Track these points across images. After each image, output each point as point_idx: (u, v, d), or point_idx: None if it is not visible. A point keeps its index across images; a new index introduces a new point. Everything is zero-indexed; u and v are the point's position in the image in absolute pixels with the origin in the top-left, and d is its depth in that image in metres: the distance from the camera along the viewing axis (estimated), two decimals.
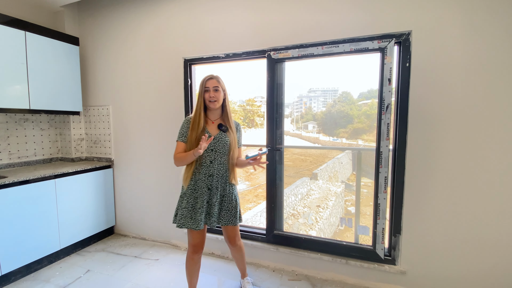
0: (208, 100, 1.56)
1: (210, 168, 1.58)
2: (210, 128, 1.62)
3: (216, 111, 1.63)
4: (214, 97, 1.55)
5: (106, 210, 2.72)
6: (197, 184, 1.58)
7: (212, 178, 1.58)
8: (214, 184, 1.59)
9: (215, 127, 1.62)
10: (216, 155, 1.59)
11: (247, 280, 1.91)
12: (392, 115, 1.83)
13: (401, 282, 1.87)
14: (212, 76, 1.59)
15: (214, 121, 1.63)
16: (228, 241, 1.78)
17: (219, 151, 1.59)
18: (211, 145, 1.57)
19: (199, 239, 1.62)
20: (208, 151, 1.57)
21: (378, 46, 1.76)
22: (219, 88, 1.56)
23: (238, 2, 2.15)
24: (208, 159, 1.58)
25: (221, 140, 1.59)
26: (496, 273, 1.67)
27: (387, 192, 1.87)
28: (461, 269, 1.74)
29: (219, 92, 1.56)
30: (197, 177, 1.58)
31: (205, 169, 1.58)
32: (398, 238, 1.87)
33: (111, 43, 2.66)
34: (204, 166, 1.57)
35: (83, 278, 2.06)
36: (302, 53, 1.96)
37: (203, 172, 1.57)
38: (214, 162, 1.58)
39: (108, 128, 2.76)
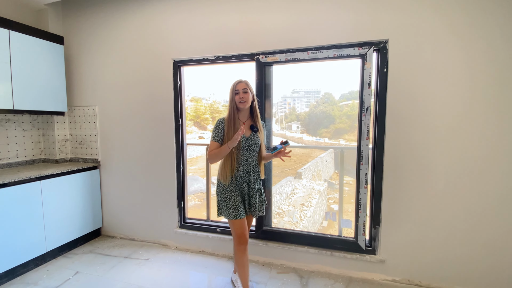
0: (239, 101, 1.69)
1: (247, 166, 1.74)
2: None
3: (245, 112, 1.76)
4: (243, 98, 1.68)
5: (93, 212, 2.69)
6: (238, 180, 1.74)
7: (249, 174, 1.75)
8: (251, 179, 1.76)
9: (247, 128, 1.76)
10: (250, 154, 1.75)
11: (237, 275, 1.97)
12: (372, 116, 1.99)
13: (381, 270, 2.03)
14: (241, 80, 1.73)
15: (245, 122, 1.77)
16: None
17: (252, 150, 1.74)
18: (246, 145, 1.72)
19: (243, 228, 1.72)
20: (244, 151, 1.72)
21: (359, 53, 1.91)
22: (247, 90, 1.70)
23: (228, 7, 2.22)
24: (244, 157, 1.73)
25: (253, 140, 1.74)
26: (465, 259, 1.87)
27: (368, 187, 2.02)
28: (434, 257, 1.92)
29: (248, 94, 1.70)
30: (237, 174, 1.73)
31: (243, 166, 1.73)
32: (378, 229, 2.03)
33: (97, 42, 2.64)
34: (241, 164, 1.73)
35: (72, 279, 2.05)
36: (289, 58, 2.07)
37: (241, 170, 1.73)
38: (249, 160, 1.75)
39: (95, 129, 2.73)
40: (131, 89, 2.58)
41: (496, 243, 1.80)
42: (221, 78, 10.19)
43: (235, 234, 1.72)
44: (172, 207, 2.56)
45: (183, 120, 2.53)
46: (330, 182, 15.10)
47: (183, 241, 2.56)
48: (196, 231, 2.51)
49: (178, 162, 2.53)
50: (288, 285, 1.99)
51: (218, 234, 2.44)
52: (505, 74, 1.70)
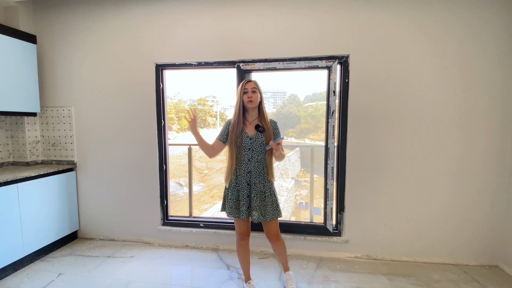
0: (247, 100, 1.70)
1: (248, 166, 1.72)
2: (248, 129, 1.75)
3: (253, 112, 1.76)
4: (252, 97, 1.69)
5: (70, 214, 2.64)
6: (238, 179, 1.74)
7: (250, 175, 1.72)
8: (252, 180, 1.73)
9: (252, 128, 1.74)
10: (253, 154, 1.72)
11: (289, 274, 1.99)
12: (336, 119, 2.35)
13: (345, 249, 2.40)
14: (250, 79, 1.76)
15: (252, 122, 1.76)
16: (269, 238, 1.84)
17: (256, 150, 1.72)
18: (249, 145, 1.71)
19: (245, 227, 1.80)
20: (246, 150, 1.72)
21: (326, 65, 2.25)
22: (256, 90, 1.71)
23: (210, 16, 2.40)
24: (246, 157, 1.72)
25: (257, 140, 1.71)
26: (410, 235, 2.32)
27: (334, 179, 2.38)
28: (387, 235, 2.34)
29: (256, 94, 1.71)
30: (237, 173, 1.74)
31: (244, 166, 1.72)
32: (342, 215, 2.40)
33: (74, 43, 2.60)
34: (243, 163, 1.72)
35: (57, 281, 2.05)
36: (267, 67, 2.34)
37: (242, 169, 1.72)
38: (251, 160, 1.72)
39: (70, 130, 2.69)
40: (111, 90, 2.61)
41: (434, 222, 2.28)
42: (186, 78, 10.07)
43: (236, 231, 1.83)
44: (155, 205, 2.65)
45: (165, 121, 2.64)
46: (297, 180, 15.85)
47: (167, 238, 2.66)
48: (180, 227, 2.64)
49: (161, 161, 2.63)
50: (269, 268, 2.25)
51: (202, 229, 2.60)
52: (443, 81, 2.18)
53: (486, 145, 2.17)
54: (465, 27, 2.11)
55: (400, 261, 2.34)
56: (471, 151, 2.20)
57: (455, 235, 2.27)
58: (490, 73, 2.12)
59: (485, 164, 2.19)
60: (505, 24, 2.07)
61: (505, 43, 2.09)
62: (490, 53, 2.11)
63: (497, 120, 2.15)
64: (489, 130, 2.16)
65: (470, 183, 2.22)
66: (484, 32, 2.10)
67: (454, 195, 2.24)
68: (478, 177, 2.21)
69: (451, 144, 2.21)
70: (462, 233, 2.26)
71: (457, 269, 2.21)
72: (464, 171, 2.21)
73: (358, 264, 2.30)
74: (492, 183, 2.20)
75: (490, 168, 2.19)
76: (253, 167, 1.72)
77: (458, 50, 2.13)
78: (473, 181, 2.21)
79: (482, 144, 2.18)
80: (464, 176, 2.22)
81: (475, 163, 2.20)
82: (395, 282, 2.03)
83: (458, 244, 2.27)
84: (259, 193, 1.73)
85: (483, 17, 2.09)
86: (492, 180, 2.20)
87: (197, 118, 1.72)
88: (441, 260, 2.30)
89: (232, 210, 1.75)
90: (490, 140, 2.17)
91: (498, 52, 2.10)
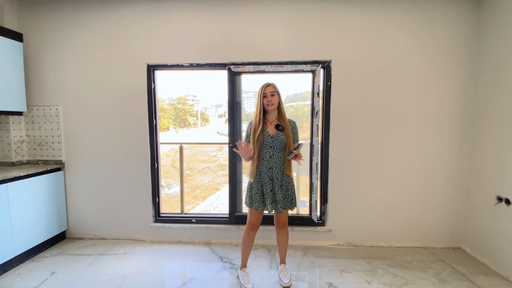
0: (266, 104, 1.84)
1: (270, 162, 1.86)
2: (269, 129, 1.89)
3: (273, 113, 1.90)
4: (271, 101, 1.83)
5: (58, 214, 2.62)
6: (261, 175, 1.88)
7: (272, 170, 1.87)
8: (274, 175, 1.87)
9: (273, 127, 1.89)
10: (274, 151, 1.86)
11: (285, 267, 2.09)
12: (320, 118, 2.55)
13: (329, 237, 2.62)
14: (269, 83, 1.86)
15: (272, 122, 1.90)
16: (277, 225, 1.99)
17: (276, 147, 1.86)
18: (270, 143, 1.85)
19: (257, 219, 1.92)
20: (268, 148, 1.86)
21: (310, 69, 2.44)
22: (275, 93, 1.84)
23: (202, 19, 2.51)
24: (268, 154, 1.86)
25: (278, 139, 1.85)
26: (386, 224, 2.58)
27: (318, 174, 2.58)
28: (365, 224, 2.59)
29: (275, 97, 1.84)
30: (261, 169, 1.88)
31: (266, 163, 1.87)
32: (326, 206, 2.62)
33: (62, 41, 2.59)
34: (265, 160, 1.87)
35: (50, 279, 2.06)
36: (256, 69, 2.49)
37: (264, 165, 1.87)
38: (272, 157, 1.86)
39: (58, 129, 2.66)
40: (102, 90, 2.63)
41: (405, 211, 2.56)
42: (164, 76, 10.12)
43: (248, 221, 1.94)
44: (147, 203, 2.71)
45: (157, 120, 2.70)
46: None
47: (159, 234, 2.73)
48: (172, 224, 2.71)
49: (153, 160, 2.70)
50: (260, 257, 2.40)
51: (194, 224, 2.70)
52: (414, 85, 2.45)
53: (450, 142, 2.49)
54: (432, 38, 2.41)
55: (377, 246, 2.60)
56: (437, 147, 2.50)
57: (424, 222, 2.57)
58: (451, 78, 2.43)
59: (449, 159, 2.50)
60: (464, 39, 2.40)
61: (465, 55, 2.41)
62: (451, 63, 2.42)
63: (459, 120, 2.47)
64: (452, 129, 2.48)
65: (436, 176, 2.52)
66: (447, 44, 2.40)
67: (423, 187, 2.54)
68: (443, 171, 2.52)
69: (420, 141, 2.50)
70: (430, 220, 2.56)
71: (426, 251, 2.51)
72: (431, 165, 2.51)
73: (340, 250, 2.53)
74: (454, 176, 2.52)
75: (453, 162, 2.51)
76: (274, 163, 1.87)
77: (424, 59, 2.42)
78: (439, 174, 2.52)
79: (447, 141, 2.49)
80: (432, 169, 2.52)
81: (441, 158, 2.51)
82: (372, 265, 2.27)
83: (427, 229, 2.57)
84: (281, 186, 1.88)
85: (447, 28, 2.40)
86: (454, 173, 2.51)
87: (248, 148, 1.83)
88: (412, 244, 2.59)
89: (259, 204, 1.87)
90: (453, 137, 2.48)
91: (458, 62, 2.41)
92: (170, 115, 24.75)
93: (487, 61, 2.30)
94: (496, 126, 2.21)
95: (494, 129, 2.23)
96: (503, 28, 2.16)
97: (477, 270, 2.20)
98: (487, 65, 2.30)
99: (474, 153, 2.44)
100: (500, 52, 2.17)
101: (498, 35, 2.20)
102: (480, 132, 2.37)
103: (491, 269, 2.20)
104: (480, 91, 2.37)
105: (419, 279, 2.07)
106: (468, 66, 2.42)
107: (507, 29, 2.12)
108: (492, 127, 2.25)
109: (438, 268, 2.22)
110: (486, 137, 2.31)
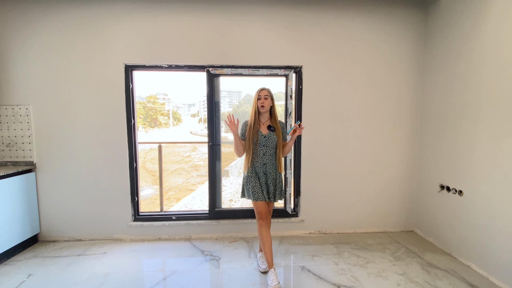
0: (260, 105, 2.02)
1: (264, 159, 2.05)
2: (262, 129, 2.07)
3: (265, 114, 2.08)
4: (263, 103, 2.01)
5: (30, 217, 2.55)
6: (256, 170, 2.06)
7: (266, 166, 2.06)
8: (268, 170, 2.07)
9: (265, 127, 2.07)
10: (267, 149, 2.05)
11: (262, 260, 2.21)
12: (293, 119, 2.78)
13: (301, 227, 2.86)
14: (264, 88, 2.05)
15: (265, 123, 2.09)
16: None
17: (269, 146, 2.04)
18: (263, 142, 2.03)
19: (263, 206, 2.04)
20: (261, 146, 2.04)
21: (284, 73, 2.66)
22: (268, 97, 2.03)
23: (182, 22, 2.60)
24: (261, 152, 2.04)
25: (270, 138, 2.04)
26: (354, 213, 2.89)
27: (292, 169, 2.81)
28: (335, 214, 2.87)
29: (268, 100, 2.02)
30: (255, 165, 2.06)
31: (260, 159, 2.05)
32: (299, 198, 2.86)
33: (32, 38, 2.51)
34: (259, 157, 2.05)
35: (28, 281, 2.03)
36: (234, 72, 2.64)
37: (259, 162, 2.05)
38: (266, 154, 2.05)
39: (28, 129, 2.58)
40: (77, 89, 2.60)
41: (367, 201, 2.88)
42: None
43: (256, 212, 2.05)
44: (126, 202, 2.73)
45: (135, 120, 2.74)
46: None
47: (139, 233, 2.76)
48: (152, 222, 2.77)
49: (131, 160, 2.73)
50: (239, 249, 2.57)
51: (174, 221, 2.78)
52: (367, 90, 2.78)
53: (403, 139, 2.86)
54: (388, 48, 2.75)
55: (344, 233, 2.90)
56: (393, 144, 2.86)
57: (383, 211, 2.92)
58: (405, 82, 2.80)
59: (402, 154, 2.88)
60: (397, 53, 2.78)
61: (416, 60, 2.79)
62: (405, 68, 2.79)
63: (410, 120, 2.85)
64: (405, 128, 2.85)
65: (392, 170, 2.89)
66: (402, 51, 2.77)
67: (381, 180, 2.89)
68: (397, 165, 2.89)
69: (379, 139, 2.84)
70: (387, 208, 2.92)
71: (385, 235, 2.86)
72: (387, 160, 2.87)
73: (312, 238, 2.78)
74: (406, 169, 2.90)
75: (405, 157, 2.89)
76: (268, 159, 2.06)
77: (383, 65, 2.77)
78: (394, 168, 2.88)
79: (400, 139, 2.86)
80: (388, 164, 2.88)
81: (395, 154, 2.87)
82: (340, 248, 2.55)
83: (385, 217, 2.93)
84: (273, 180, 2.09)
85: (401, 37, 2.76)
86: (406, 167, 2.90)
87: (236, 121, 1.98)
88: (373, 230, 2.93)
89: (258, 195, 2.03)
90: (405, 135, 2.86)
91: (411, 67, 2.79)
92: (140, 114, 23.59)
93: (432, 63, 2.69)
94: (439, 124, 2.60)
95: (437, 127, 2.62)
96: (443, 29, 2.54)
97: (425, 248, 2.57)
98: (433, 67, 2.69)
99: (422, 148, 2.84)
100: (443, 54, 2.56)
101: (440, 38, 2.59)
102: (427, 130, 2.77)
103: (437, 247, 2.59)
104: (427, 91, 2.77)
105: (378, 258, 2.39)
106: (418, 69, 2.81)
107: (445, 30, 2.50)
108: (436, 125, 2.64)
109: (394, 248, 2.57)
110: (431, 134, 2.71)
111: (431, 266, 2.26)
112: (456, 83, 2.39)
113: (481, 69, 2.14)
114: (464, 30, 2.30)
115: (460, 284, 2.01)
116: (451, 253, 2.45)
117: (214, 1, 2.59)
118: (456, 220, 2.39)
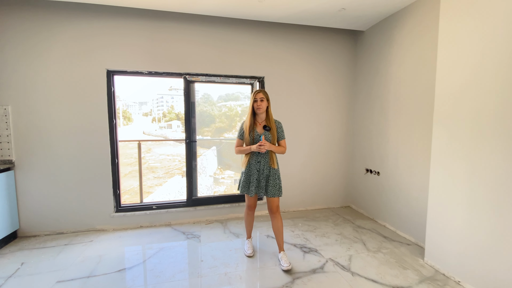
0: (256, 107, 2.17)
1: (258, 157, 2.23)
2: (258, 129, 2.23)
3: (261, 115, 2.24)
4: (260, 105, 2.16)
5: (10, 213, 2.64)
6: (251, 167, 2.25)
7: (260, 164, 2.23)
8: (261, 167, 2.23)
9: (261, 127, 2.24)
10: None
11: (284, 254, 2.29)
12: None
13: (265, 208, 3.48)
14: (260, 90, 2.20)
15: (261, 123, 2.25)
16: (270, 211, 2.30)
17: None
18: (258, 141, 2.19)
19: (252, 201, 2.35)
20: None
21: (249, 82, 3.24)
22: (264, 99, 2.18)
23: (161, 35, 2.97)
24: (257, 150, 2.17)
25: (266, 137, 2.19)
26: (305, 194, 3.61)
27: None
28: (292, 195, 3.56)
29: (264, 102, 2.17)
30: (250, 162, 2.25)
31: (255, 157, 2.24)
32: None
33: (12, 40, 2.62)
34: (254, 154, 2.24)
35: (23, 268, 2.21)
36: (208, 80, 3.13)
37: (254, 159, 2.24)
38: (261, 152, 2.22)
39: (7, 129, 2.67)
40: (58, 91, 2.77)
41: (315, 183, 3.65)
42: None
43: (246, 204, 2.39)
44: (108, 195, 2.99)
45: (116, 120, 3.01)
46: (215, 177, 16.73)
47: (121, 223, 3.04)
48: (134, 211, 3.07)
49: (113, 156, 2.99)
50: (215, 228, 3.06)
51: (155, 210, 3.13)
52: (317, 95, 3.53)
53: (341, 134, 3.70)
54: (325, 67, 3.55)
55: (298, 210, 3.62)
56: (334, 138, 3.68)
57: (326, 191, 3.72)
58: (342, 92, 3.64)
59: (340, 145, 3.72)
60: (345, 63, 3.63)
61: (349, 77, 3.64)
62: (340, 83, 3.62)
63: (347, 120, 3.70)
64: (342, 126, 3.69)
65: (334, 157, 3.71)
66: (338, 70, 3.59)
67: (325, 166, 3.69)
68: (337, 154, 3.72)
69: (323, 134, 3.63)
70: (330, 189, 3.74)
71: (329, 210, 3.66)
72: (331, 150, 3.68)
73: None
74: (344, 157, 3.75)
75: (343, 147, 3.73)
76: (262, 157, 2.24)
77: (323, 81, 3.55)
78: (335, 156, 3.71)
79: (339, 134, 3.69)
80: (331, 153, 3.69)
81: (335, 145, 3.69)
82: (295, 221, 3.25)
83: (329, 196, 3.74)
84: (265, 176, 2.25)
85: (337, 59, 3.58)
86: (344, 155, 3.75)
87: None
88: (320, 207, 3.72)
89: (244, 189, 2.28)
90: (343, 131, 3.70)
91: (345, 82, 3.64)
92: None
93: (360, 75, 3.58)
94: (364, 122, 3.49)
95: (363, 124, 3.51)
96: (367, 52, 3.43)
97: (357, 217, 3.43)
98: (360, 80, 3.58)
99: (354, 141, 3.72)
100: (367, 69, 3.44)
101: (365, 57, 3.47)
102: (357, 128, 3.65)
103: (365, 216, 3.47)
104: (356, 99, 3.65)
105: (323, 225, 3.14)
106: (351, 84, 3.67)
107: (368, 53, 3.39)
108: (362, 123, 3.53)
109: (334, 218, 3.36)
110: (360, 129, 3.59)
111: (359, 228, 3.09)
112: (374, 93, 3.28)
113: (388, 82, 3.03)
114: (379, 54, 3.19)
115: (377, 237, 2.85)
116: (374, 218, 3.34)
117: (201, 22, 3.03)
118: (376, 194, 3.29)
